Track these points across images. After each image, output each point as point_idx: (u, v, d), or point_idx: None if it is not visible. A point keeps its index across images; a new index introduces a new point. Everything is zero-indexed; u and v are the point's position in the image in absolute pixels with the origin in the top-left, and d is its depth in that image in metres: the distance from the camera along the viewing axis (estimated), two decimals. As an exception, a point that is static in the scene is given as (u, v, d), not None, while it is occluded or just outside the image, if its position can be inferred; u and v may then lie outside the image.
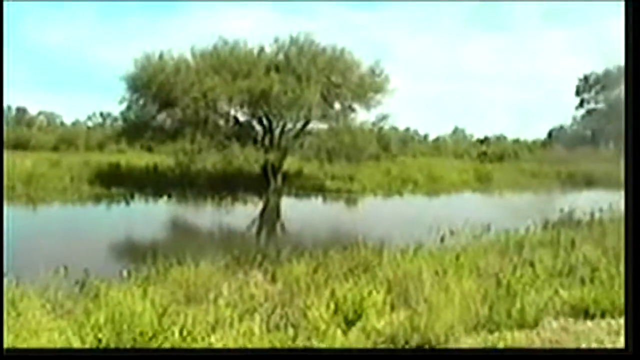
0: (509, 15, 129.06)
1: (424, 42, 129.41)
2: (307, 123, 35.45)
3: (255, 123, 35.92)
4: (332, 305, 7.51)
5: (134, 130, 35.64)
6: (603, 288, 8.71)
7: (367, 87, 35.08)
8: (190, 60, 34.16)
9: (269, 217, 27.03)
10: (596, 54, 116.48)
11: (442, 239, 13.93)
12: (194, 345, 6.09)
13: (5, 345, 5.69)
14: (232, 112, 35.31)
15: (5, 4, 8.21)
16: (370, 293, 7.82)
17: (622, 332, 7.16)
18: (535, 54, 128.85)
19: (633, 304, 4.46)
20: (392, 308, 7.96)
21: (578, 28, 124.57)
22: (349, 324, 7.25)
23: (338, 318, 7.29)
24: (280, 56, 35.05)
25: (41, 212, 26.17)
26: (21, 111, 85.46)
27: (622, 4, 5.80)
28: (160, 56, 33.76)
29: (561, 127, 57.42)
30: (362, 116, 36.55)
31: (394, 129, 41.68)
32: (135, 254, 15.33)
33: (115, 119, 57.18)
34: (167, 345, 6.09)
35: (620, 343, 6.67)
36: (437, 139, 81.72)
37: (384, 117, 36.62)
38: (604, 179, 45.06)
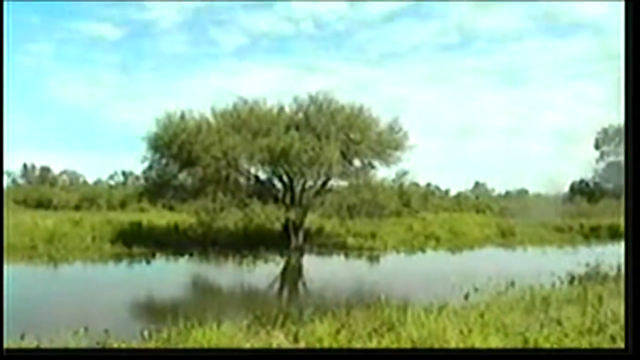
0: (527, 69, 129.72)
1: (442, 97, 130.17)
2: (327, 180, 35.45)
3: (275, 181, 36.03)
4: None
5: (155, 189, 35.82)
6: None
7: (386, 144, 35.12)
8: (210, 119, 34.42)
9: (291, 276, 26.88)
10: (614, 106, 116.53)
11: (466, 296, 13.71)
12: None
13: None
14: (253, 170, 35.46)
15: (5, 4, 8.30)
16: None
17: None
18: (555, 108, 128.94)
19: (633, 304, 4.34)
20: (417, 369, 7.79)
21: (596, 80, 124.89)
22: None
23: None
24: (300, 115, 35.24)
25: (62, 271, 26.17)
26: (45, 170, 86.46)
27: (622, 4, 5.78)
28: (182, 116, 34.06)
29: (582, 181, 56.97)
30: (382, 173, 36.55)
31: (415, 184, 41.61)
32: (156, 313, 15.25)
33: (137, 178, 57.72)
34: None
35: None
36: (458, 195, 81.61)
37: (404, 173, 36.59)
38: (629, 232, 44.55)
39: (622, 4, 5.77)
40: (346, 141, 34.29)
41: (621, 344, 8.81)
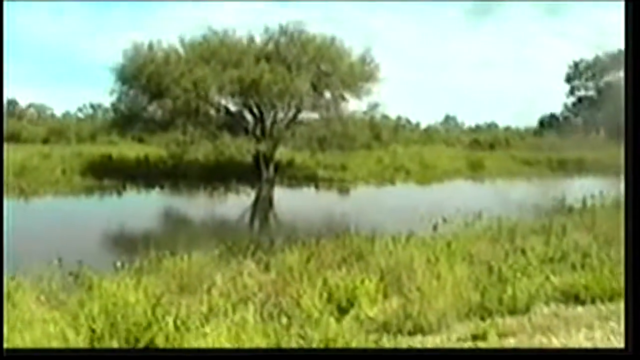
0: (499, 3, 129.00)
1: (414, 30, 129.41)
2: (298, 112, 35.45)
3: (246, 113, 35.89)
4: (325, 294, 7.55)
5: (124, 121, 35.57)
6: (593, 274, 8.76)
7: (358, 76, 35.05)
8: (179, 50, 34.10)
9: (262, 207, 27.07)
10: (586, 42, 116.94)
11: (434, 227, 13.94)
12: (189, 335, 6.10)
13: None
14: (223, 102, 35.36)
15: (5, 4, 8.21)
16: (363, 281, 7.87)
17: (611, 317, 7.22)
18: (526, 42, 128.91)
19: (633, 304, 4.43)
20: (385, 296, 8.00)
21: (568, 16, 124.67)
22: (342, 312, 7.30)
23: (331, 306, 7.34)
24: (270, 45, 34.99)
25: (33, 204, 26.13)
26: (12, 104, 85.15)
27: (622, 4, 5.74)
28: (149, 47, 33.70)
29: (552, 115, 57.43)
30: (353, 105, 36.56)
31: (385, 117, 41.65)
32: (128, 245, 15.37)
33: (106, 111, 56.95)
34: (161, 335, 6.10)
35: (609, 328, 6.74)
36: (428, 128, 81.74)
37: (375, 106, 36.63)
38: (595, 165, 45.46)
39: (622, 4, 5.71)
40: (317, 73, 34.24)
41: (582, 272, 9.12)
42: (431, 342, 6.63)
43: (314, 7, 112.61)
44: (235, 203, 27.98)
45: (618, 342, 6.29)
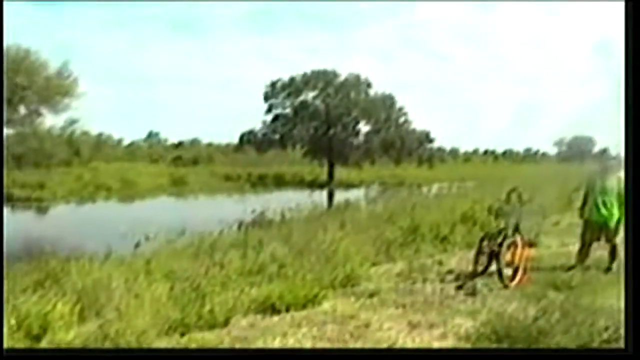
0: (201, 18, 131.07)
1: (114, 44, 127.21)
2: (-11, 128, 33.40)
3: None
4: (15, 321, 7.18)
5: None
6: (288, 283, 9.20)
7: (54, 90, 33.93)
8: None
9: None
10: (285, 61, 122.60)
11: (136, 245, 13.82)
12: None
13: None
14: None
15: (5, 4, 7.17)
16: (57, 305, 7.59)
17: (302, 323, 7.63)
18: (227, 59, 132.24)
19: (633, 304, 4.51)
20: (81, 318, 7.78)
21: (272, 35, 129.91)
22: (35, 339, 6.99)
23: (22, 334, 7.00)
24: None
25: None
26: None
27: (622, 4, 5.75)
28: None
29: (252, 131, 59.29)
30: (51, 120, 35.30)
31: (86, 133, 40.52)
32: None
33: None
34: None
35: (300, 334, 7.11)
36: (131, 144, 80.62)
37: (73, 122, 35.67)
38: (292, 179, 47.90)
39: (622, 4, 5.72)
40: (11, 86, 32.45)
41: (277, 282, 9.51)
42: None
43: (6, 15, 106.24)
44: None
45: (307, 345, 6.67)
